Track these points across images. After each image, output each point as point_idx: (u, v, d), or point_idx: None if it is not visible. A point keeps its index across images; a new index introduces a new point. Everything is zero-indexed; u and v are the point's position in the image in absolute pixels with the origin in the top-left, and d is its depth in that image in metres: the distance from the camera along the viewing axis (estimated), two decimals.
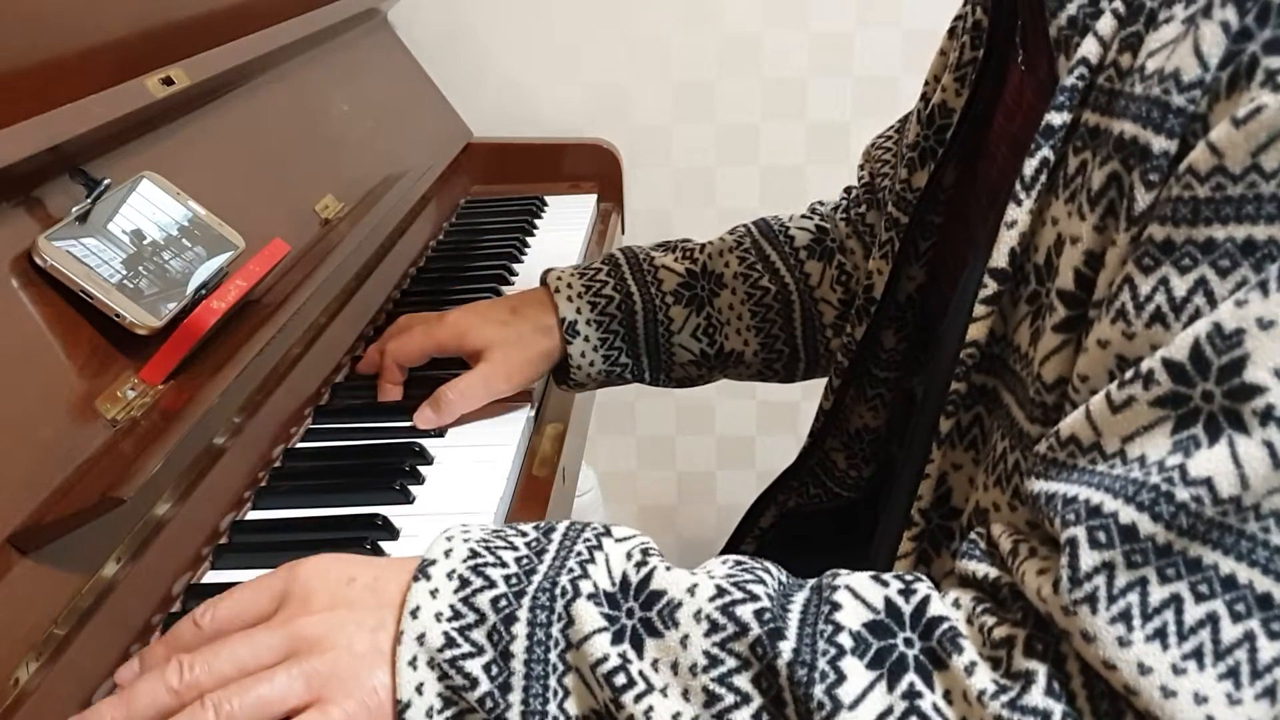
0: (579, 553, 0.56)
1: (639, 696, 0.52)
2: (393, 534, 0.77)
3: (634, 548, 0.57)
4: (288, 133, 1.12)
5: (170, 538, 0.72)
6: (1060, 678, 0.48)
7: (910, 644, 0.51)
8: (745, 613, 0.52)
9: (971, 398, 0.62)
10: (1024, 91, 0.67)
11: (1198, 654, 0.45)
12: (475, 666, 0.53)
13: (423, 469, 0.84)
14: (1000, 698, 0.48)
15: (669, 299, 0.94)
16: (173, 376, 0.76)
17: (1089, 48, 0.55)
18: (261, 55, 1.06)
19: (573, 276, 0.95)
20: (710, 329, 0.95)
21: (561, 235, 1.40)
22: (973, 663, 0.49)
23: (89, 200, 0.76)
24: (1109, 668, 0.46)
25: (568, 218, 1.46)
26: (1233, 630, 0.44)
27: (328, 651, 0.55)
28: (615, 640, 0.53)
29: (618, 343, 0.94)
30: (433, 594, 0.55)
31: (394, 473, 0.83)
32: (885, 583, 0.54)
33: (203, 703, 0.53)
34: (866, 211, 0.97)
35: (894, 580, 0.54)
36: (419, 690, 0.54)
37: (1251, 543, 0.44)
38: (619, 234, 1.54)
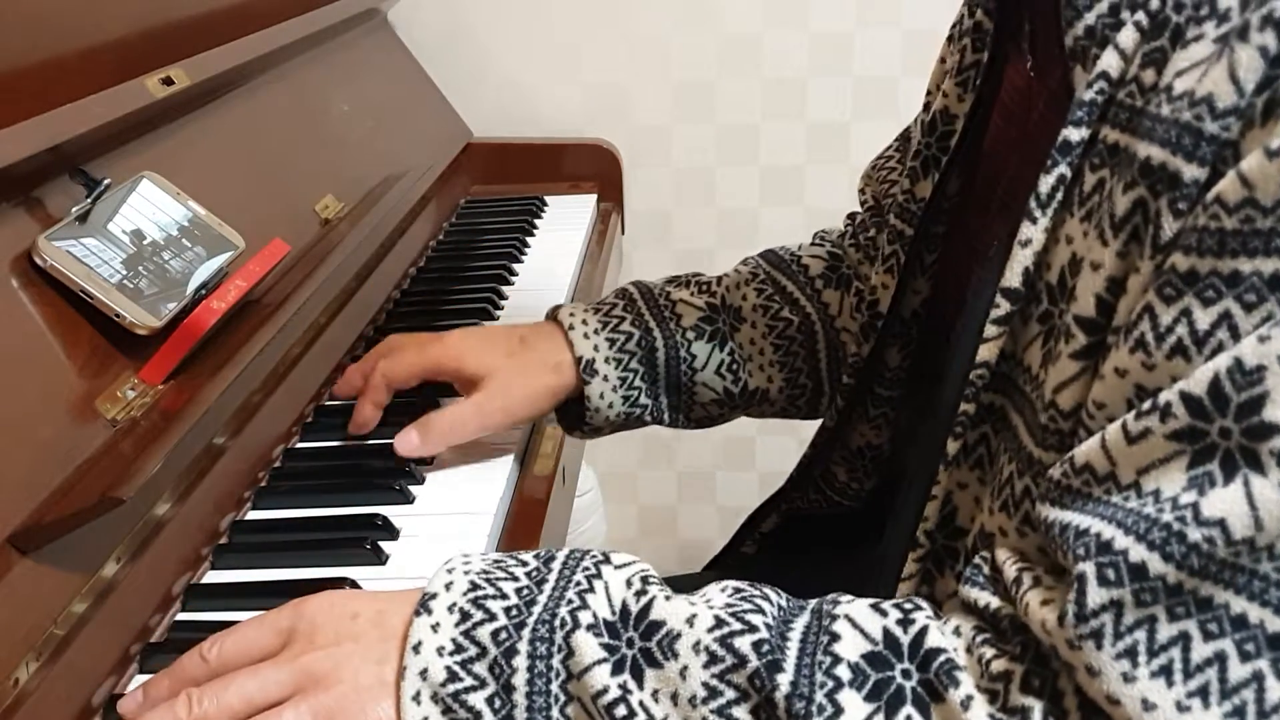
0: (578, 582, 0.56)
1: None
2: (393, 534, 0.77)
3: (633, 575, 0.57)
4: (288, 133, 1.12)
5: (170, 538, 0.72)
6: (1057, 714, 0.48)
7: (908, 675, 0.51)
8: (743, 644, 0.52)
9: (979, 416, 0.61)
10: (1032, 98, 0.65)
11: (1203, 692, 0.44)
12: (478, 700, 0.54)
13: (423, 469, 0.84)
14: None
15: (690, 334, 0.89)
16: (173, 376, 0.76)
17: (1109, 61, 0.53)
18: (261, 55, 1.06)
19: (587, 313, 0.89)
20: (734, 365, 0.90)
21: (561, 235, 1.40)
22: (969, 696, 0.49)
23: (89, 200, 0.76)
24: (1112, 703, 0.45)
25: (568, 218, 1.46)
26: (1241, 670, 0.44)
27: (334, 687, 0.55)
28: (615, 671, 0.53)
29: (638, 382, 0.88)
30: (434, 628, 0.55)
31: (394, 473, 0.83)
32: (884, 612, 0.53)
33: None
34: (875, 235, 0.93)
35: (893, 610, 0.54)
36: None
37: (1264, 583, 0.43)
38: (619, 234, 1.54)
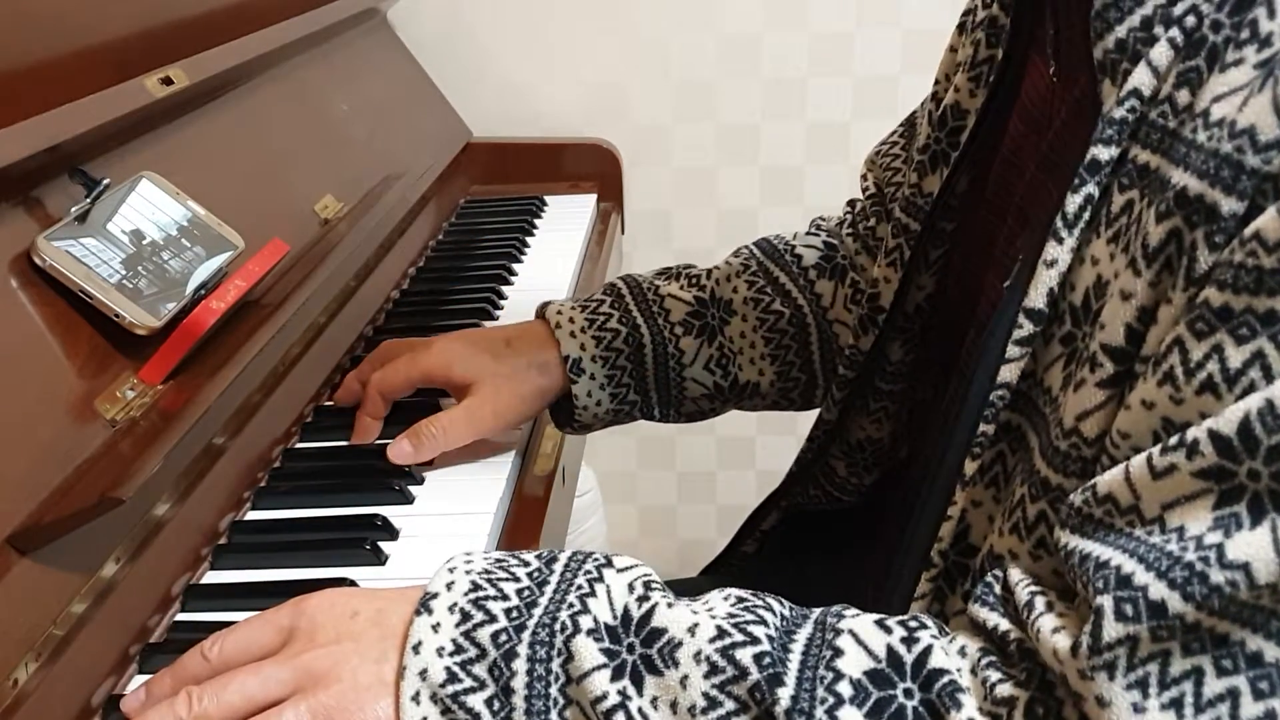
0: (579, 586, 0.56)
1: None
2: (392, 534, 0.77)
3: (636, 579, 0.56)
4: (287, 132, 1.12)
5: (170, 538, 0.72)
6: None
7: (910, 695, 0.50)
8: (745, 656, 0.52)
9: (997, 435, 0.60)
10: (1054, 105, 0.63)
11: None
12: (477, 701, 0.54)
13: (422, 469, 0.84)
14: None
15: (678, 330, 0.89)
16: (172, 376, 0.76)
17: (1141, 78, 0.52)
18: (261, 55, 1.06)
19: (573, 310, 0.89)
20: (723, 360, 0.90)
21: (561, 235, 1.40)
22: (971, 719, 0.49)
23: (88, 200, 0.76)
24: None
25: (568, 217, 1.46)
26: (1254, 708, 0.43)
27: (333, 685, 0.55)
28: (615, 677, 0.53)
29: (625, 379, 0.89)
30: (434, 628, 0.55)
31: (393, 473, 0.83)
32: (889, 629, 0.53)
33: None
34: (876, 225, 0.92)
35: (898, 627, 0.53)
36: None
37: None
38: (619, 234, 1.54)
